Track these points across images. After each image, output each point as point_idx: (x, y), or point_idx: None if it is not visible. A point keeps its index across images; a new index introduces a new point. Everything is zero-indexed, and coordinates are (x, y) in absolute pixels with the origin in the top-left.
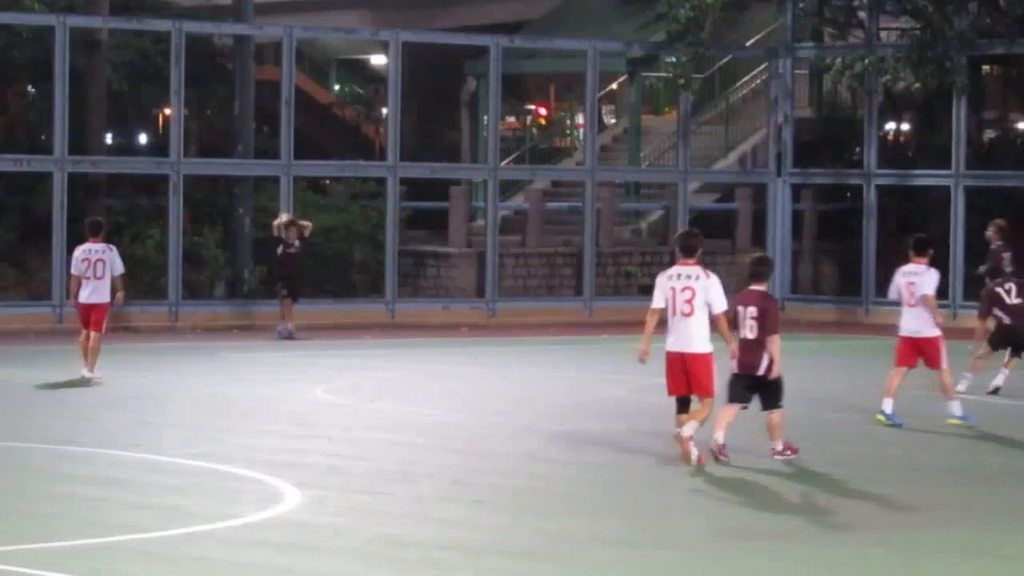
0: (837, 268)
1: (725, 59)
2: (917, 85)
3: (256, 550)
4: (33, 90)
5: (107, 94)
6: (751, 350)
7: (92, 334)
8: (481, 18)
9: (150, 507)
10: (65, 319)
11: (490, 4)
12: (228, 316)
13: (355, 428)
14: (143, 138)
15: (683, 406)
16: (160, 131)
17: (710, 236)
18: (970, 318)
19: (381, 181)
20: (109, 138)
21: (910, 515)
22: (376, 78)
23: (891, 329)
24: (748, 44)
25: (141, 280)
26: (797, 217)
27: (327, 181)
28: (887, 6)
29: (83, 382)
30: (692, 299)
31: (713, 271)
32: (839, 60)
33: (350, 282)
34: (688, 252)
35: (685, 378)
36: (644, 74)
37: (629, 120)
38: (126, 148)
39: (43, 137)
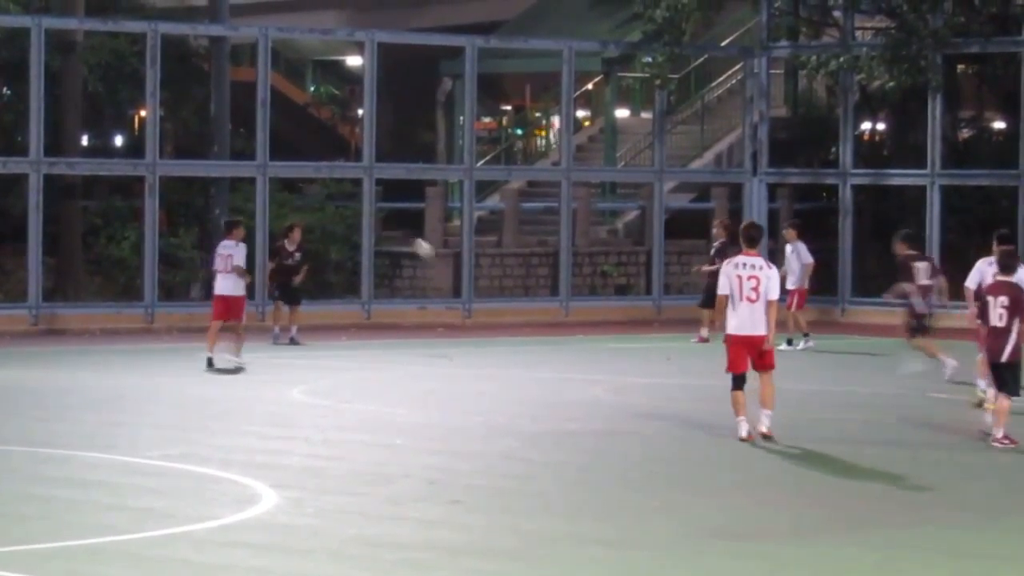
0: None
1: (701, 58)
2: (892, 84)
3: (233, 551)
4: (8, 91)
5: (83, 95)
6: (999, 337)
7: (235, 323)
8: (457, 18)
9: (127, 509)
10: (40, 320)
11: (466, 4)
12: (204, 317)
13: (332, 429)
14: (119, 139)
15: (740, 383)
16: (136, 132)
17: (685, 235)
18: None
19: (357, 181)
20: (85, 139)
21: (888, 513)
22: (352, 78)
23: (871, 328)
24: (724, 43)
25: (117, 281)
26: (773, 216)
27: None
28: (862, 5)
29: (236, 368)
30: (757, 287)
31: (688, 270)
32: (814, 58)
33: (326, 282)
34: (752, 243)
35: (748, 357)
36: (620, 74)
37: (604, 120)
38: (102, 149)
39: (19, 138)
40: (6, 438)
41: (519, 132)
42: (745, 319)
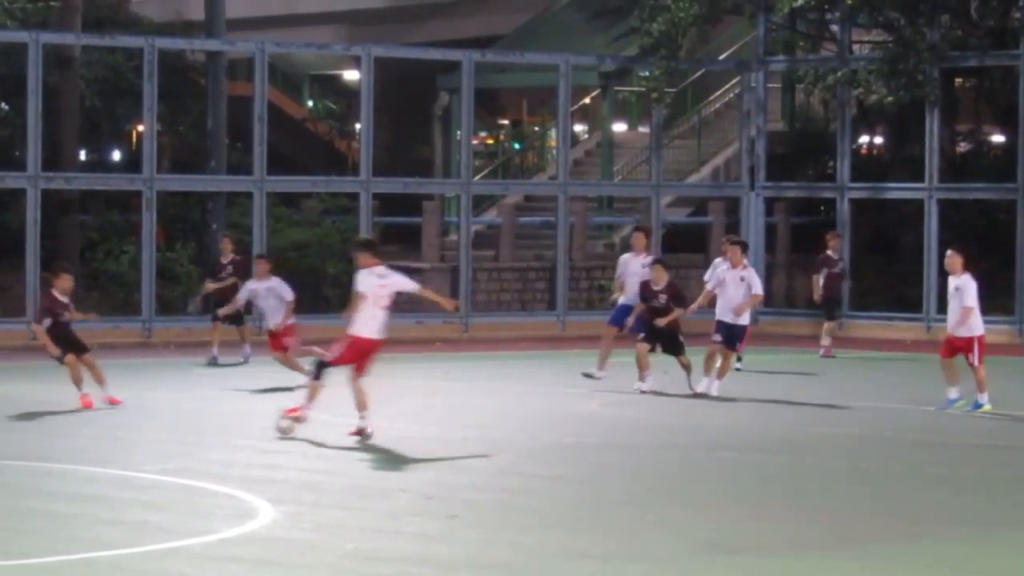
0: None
1: (698, 73)
2: (890, 98)
3: (230, 566)
4: (6, 106)
5: (80, 110)
6: None
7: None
8: (454, 32)
9: (124, 523)
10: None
11: (463, 19)
12: (201, 331)
13: (329, 443)
14: (116, 154)
15: None
16: (133, 147)
17: (683, 250)
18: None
19: (354, 196)
20: (82, 154)
21: (886, 528)
22: (349, 93)
23: (868, 343)
24: (721, 57)
25: (115, 296)
26: (770, 230)
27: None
28: (859, 19)
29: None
30: None
31: (684, 284)
32: (811, 72)
33: (323, 297)
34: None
35: None
36: (617, 88)
37: (601, 134)
38: (99, 164)
39: (16, 153)
40: (3, 452)
41: (516, 146)
42: None
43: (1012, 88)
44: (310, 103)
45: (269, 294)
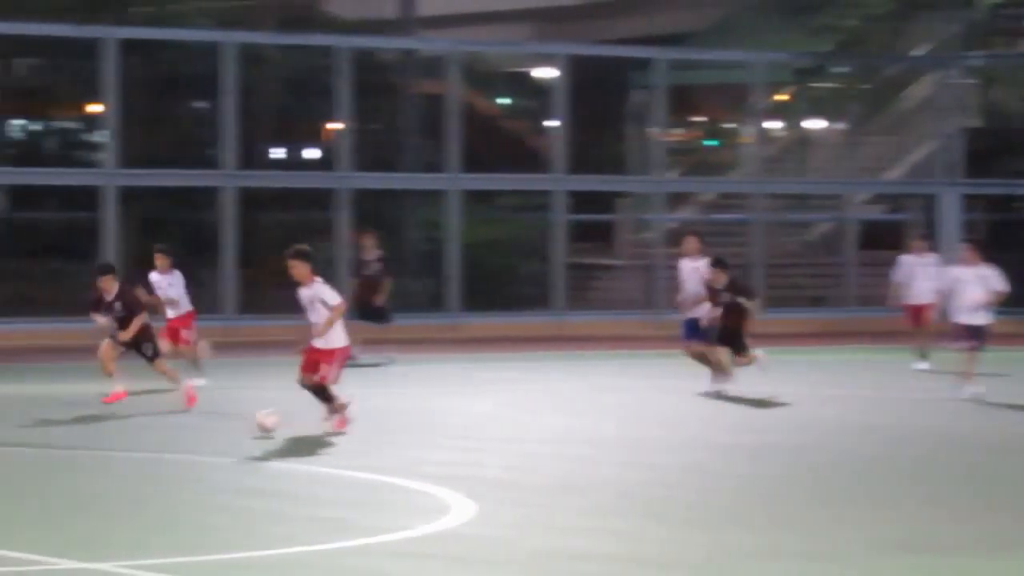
0: (1008, 279)
1: (893, 68)
2: None
3: (425, 563)
4: (201, 105)
5: (274, 109)
6: None
7: None
8: (647, 29)
9: (319, 519)
10: (234, 332)
11: (655, 15)
12: (394, 329)
13: (522, 440)
14: (310, 152)
15: None
16: (327, 145)
17: (879, 247)
18: None
19: (547, 193)
20: (277, 152)
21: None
22: (542, 90)
23: None
24: (918, 53)
25: None
26: (968, 228)
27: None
28: None
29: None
30: None
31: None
32: (1010, 67)
33: (516, 295)
34: None
35: None
36: (811, 84)
37: (796, 131)
38: (293, 162)
39: (211, 152)
40: (199, 450)
41: (711, 144)
42: None
43: None
44: (503, 101)
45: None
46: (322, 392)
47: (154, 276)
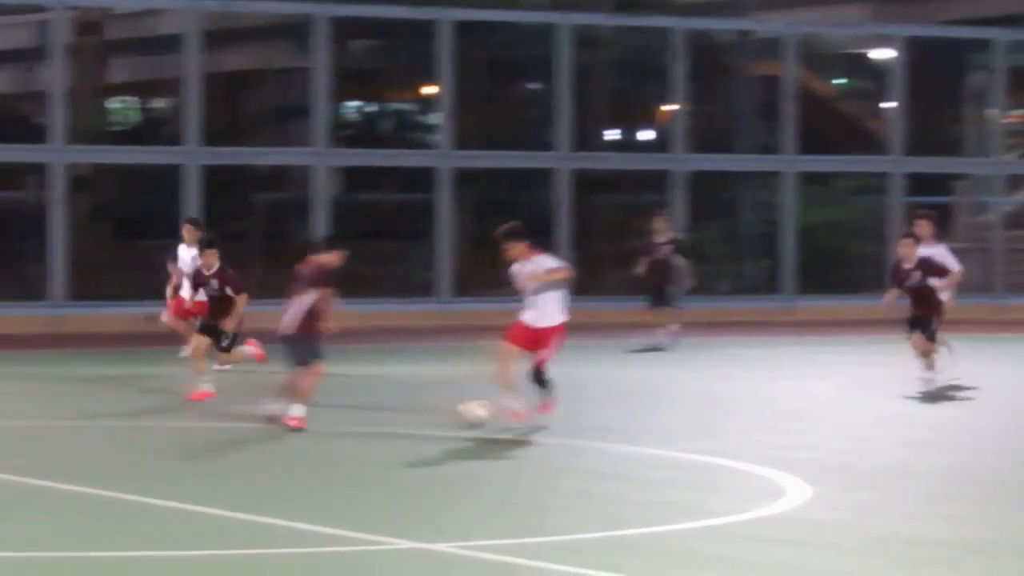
0: None
1: None
2: None
3: (762, 546)
4: (535, 87)
5: (608, 90)
6: None
7: None
8: (982, 11)
9: (653, 502)
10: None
11: None
12: (732, 312)
13: (858, 424)
14: (645, 134)
15: None
16: (661, 127)
17: None
18: None
19: (883, 176)
20: (611, 134)
21: None
22: (879, 71)
23: None
24: None
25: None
26: None
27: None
28: None
29: None
30: None
31: None
32: None
33: (852, 277)
34: None
35: None
36: None
37: None
38: (628, 144)
39: (545, 134)
40: (533, 431)
41: None
42: None
43: None
44: (838, 81)
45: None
46: (541, 374)
47: (181, 249)
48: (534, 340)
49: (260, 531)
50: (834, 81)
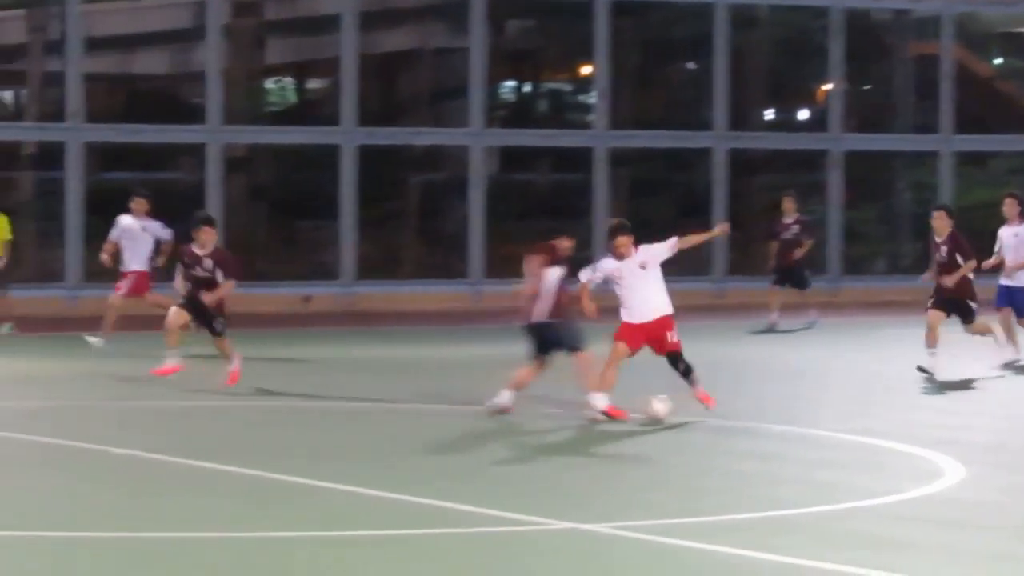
0: None
1: None
2: None
3: (916, 526)
4: (691, 67)
5: (766, 70)
6: None
7: None
8: None
9: (807, 482)
10: (721, 295)
11: None
12: (887, 292)
13: (1013, 404)
14: (801, 114)
15: None
16: (818, 107)
17: None
18: None
19: None
20: (768, 114)
21: None
22: None
23: None
24: None
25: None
26: None
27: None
28: None
29: None
30: None
31: None
32: None
33: None
34: None
35: None
36: None
37: None
38: (784, 124)
39: (701, 114)
40: (691, 412)
41: None
42: None
43: None
44: (997, 61)
45: None
46: (680, 361)
47: (127, 219)
48: (642, 338)
49: (412, 511)
50: (993, 60)
